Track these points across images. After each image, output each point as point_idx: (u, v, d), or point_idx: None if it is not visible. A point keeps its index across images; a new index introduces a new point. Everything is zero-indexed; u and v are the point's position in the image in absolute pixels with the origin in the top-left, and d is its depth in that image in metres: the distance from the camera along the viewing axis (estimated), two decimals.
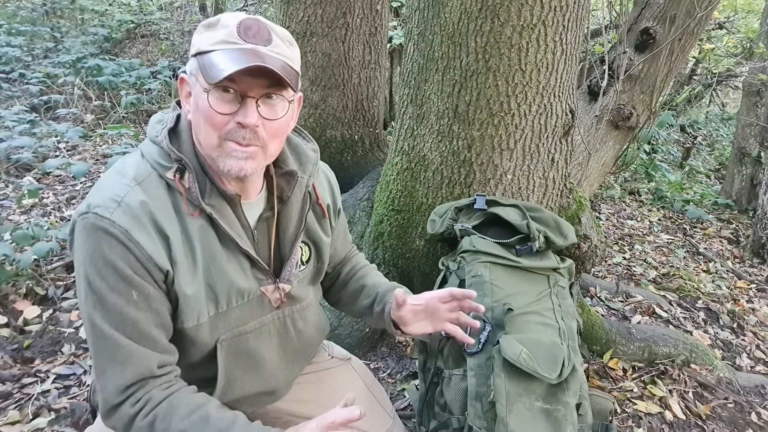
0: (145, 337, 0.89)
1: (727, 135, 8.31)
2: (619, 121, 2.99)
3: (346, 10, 2.60)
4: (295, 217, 1.06)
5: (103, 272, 0.86)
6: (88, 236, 0.86)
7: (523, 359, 1.20)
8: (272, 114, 0.91)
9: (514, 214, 1.58)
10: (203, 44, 0.89)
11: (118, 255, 0.85)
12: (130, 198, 0.87)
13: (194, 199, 0.92)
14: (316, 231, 1.13)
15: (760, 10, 6.04)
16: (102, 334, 0.87)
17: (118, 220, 0.85)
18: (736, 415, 1.94)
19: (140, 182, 0.90)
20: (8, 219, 2.94)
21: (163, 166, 0.91)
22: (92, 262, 0.86)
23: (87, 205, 0.87)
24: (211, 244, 0.95)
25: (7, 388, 1.81)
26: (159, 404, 0.89)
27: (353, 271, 1.32)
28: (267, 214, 1.04)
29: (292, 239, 1.06)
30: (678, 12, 2.73)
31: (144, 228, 0.87)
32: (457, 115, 1.77)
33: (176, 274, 0.90)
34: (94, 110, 4.91)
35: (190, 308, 0.93)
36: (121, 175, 0.91)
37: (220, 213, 0.95)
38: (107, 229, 0.85)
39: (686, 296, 2.92)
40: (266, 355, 1.08)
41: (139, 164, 0.93)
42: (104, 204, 0.86)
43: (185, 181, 0.91)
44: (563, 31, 1.69)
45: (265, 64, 0.85)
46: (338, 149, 2.79)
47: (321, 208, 1.13)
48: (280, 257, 1.07)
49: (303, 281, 1.13)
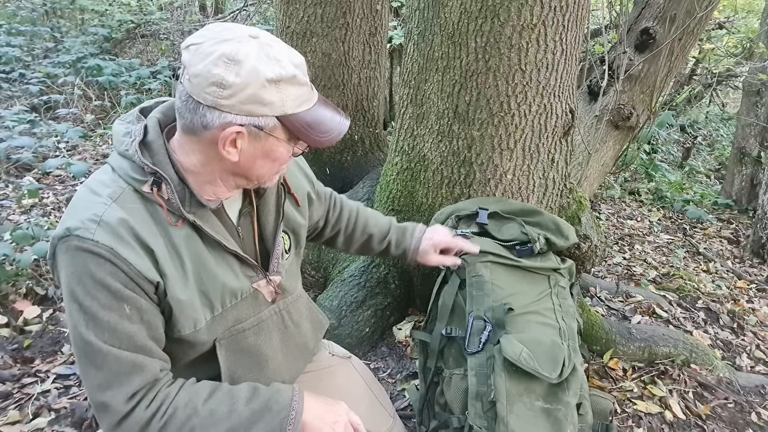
0: (142, 348, 0.89)
1: (727, 135, 8.31)
2: (619, 121, 2.99)
3: (346, 10, 2.60)
4: (273, 208, 1.08)
5: (92, 291, 0.85)
6: (72, 258, 0.85)
7: (524, 359, 1.21)
8: None
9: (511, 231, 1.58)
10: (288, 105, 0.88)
11: (107, 272, 0.85)
12: (109, 216, 0.86)
13: (175, 209, 0.91)
14: (295, 218, 1.15)
15: (760, 10, 6.04)
16: (100, 351, 0.86)
17: (101, 239, 0.84)
18: (736, 415, 1.94)
19: (116, 199, 0.88)
20: (8, 219, 2.94)
21: (137, 180, 0.90)
22: (80, 283, 0.85)
23: (66, 229, 0.85)
24: (198, 251, 0.94)
25: (7, 388, 1.81)
26: (176, 397, 0.90)
27: (351, 222, 1.39)
28: (247, 209, 1.05)
29: (273, 231, 1.08)
30: (678, 12, 2.73)
31: (128, 244, 0.86)
32: (457, 115, 1.77)
33: (167, 285, 0.90)
34: (94, 110, 4.91)
35: (185, 315, 0.93)
36: (95, 193, 0.89)
37: (203, 219, 0.94)
38: (92, 250, 0.84)
39: (686, 296, 2.92)
40: (269, 353, 1.08)
41: (112, 180, 0.91)
42: (84, 225, 0.85)
43: (163, 192, 0.90)
44: (563, 31, 1.68)
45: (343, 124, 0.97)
46: (338, 149, 2.79)
47: (294, 198, 1.15)
48: (265, 250, 1.08)
49: (290, 270, 1.14)
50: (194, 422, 0.89)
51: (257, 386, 0.97)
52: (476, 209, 1.63)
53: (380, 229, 1.42)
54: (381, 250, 1.42)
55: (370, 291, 2.06)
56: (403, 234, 1.42)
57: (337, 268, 2.27)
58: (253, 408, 0.93)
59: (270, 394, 0.96)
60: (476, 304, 1.37)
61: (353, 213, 1.40)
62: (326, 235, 1.39)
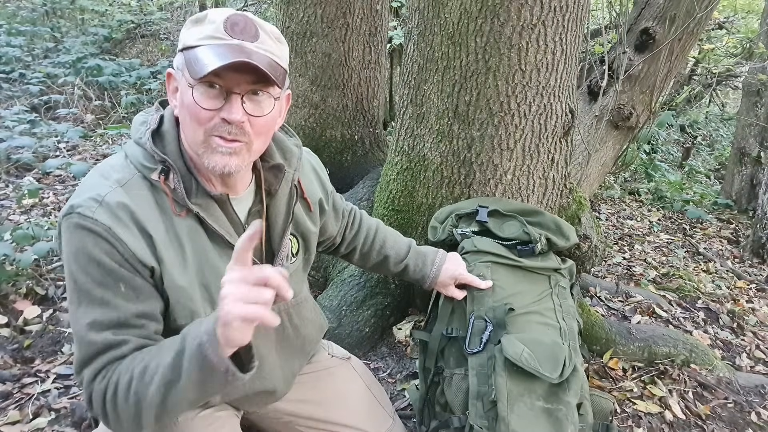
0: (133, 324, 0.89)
1: (727, 135, 8.31)
2: (619, 121, 2.99)
3: (346, 10, 2.60)
4: (283, 210, 1.07)
5: (88, 268, 0.86)
6: (72, 235, 0.87)
7: (525, 359, 1.20)
8: (258, 111, 0.91)
9: (512, 228, 1.58)
10: (190, 39, 0.88)
11: (103, 251, 0.86)
12: (111, 198, 0.88)
13: (180, 199, 0.92)
14: (304, 222, 1.14)
15: (760, 10, 6.04)
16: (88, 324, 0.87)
17: (100, 218, 0.86)
18: (736, 415, 1.94)
19: (123, 184, 0.90)
20: (8, 219, 2.94)
21: (147, 168, 0.92)
22: (77, 260, 0.86)
23: (70, 206, 0.87)
24: (201, 244, 0.95)
25: (7, 388, 1.81)
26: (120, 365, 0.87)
27: (368, 240, 1.39)
28: (256, 208, 1.05)
29: (281, 232, 1.07)
30: (678, 12, 2.73)
31: (125, 226, 0.87)
32: (457, 115, 1.77)
33: (164, 271, 0.91)
34: (94, 110, 4.91)
35: (181, 304, 0.93)
36: (104, 177, 0.91)
37: (208, 211, 0.95)
38: (90, 228, 0.85)
39: (686, 296, 2.92)
40: (263, 352, 1.08)
41: (123, 166, 0.93)
42: (86, 204, 0.87)
43: (170, 182, 0.91)
44: (563, 31, 1.69)
45: (251, 60, 0.84)
46: (338, 149, 2.79)
47: (307, 202, 1.14)
48: (271, 251, 1.08)
49: (295, 274, 1.13)
50: (135, 386, 0.84)
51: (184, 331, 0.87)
52: (476, 207, 1.63)
53: (397, 251, 1.41)
54: (397, 272, 1.42)
55: (370, 291, 2.07)
56: (423, 261, 1.40)
57: (337, 268, 2.27)
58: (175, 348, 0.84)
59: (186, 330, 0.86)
60: (477, 304, 1.37)
61: (371, 231, 1.40)
62: (341, 251, 1.40)
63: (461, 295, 1.40)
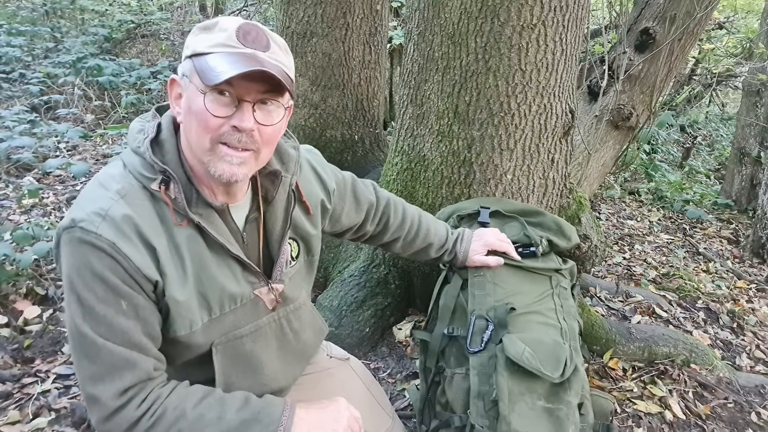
0: (136, 345, 0.89)
1: (727, 135, 8.32)
2: (619, 121, 3.00)
3: (346, 10, 2.60)
4: (280, 216, 1.06)
5: (91, 284, 0.85)
6: (74, 250, 0.85)
7: (526, 358, 1.20)
8: (268, 119, 0.91)
9: (513, 230, 1.58)
10: (200, 46, 0.88)
11: (107, 267, 0.85)
12: (114, 211, 0.86)
13: (181, 209, 0.91)
14: (304, 226, 1.13)
15: (760, 10, 6.04)
16: (94, 344, 0.86)
17: (104, 233, 0.84)
18: (736, 415, 1.94)
19: (124, 195, 0.89)
20: (8, 219, 2.94)
21: (147, 178, 0.90)
22: (80, 275, 0.85)
23: (71, 220, 0.86)
24: (200, 253, 0.94)
25: (8, 388, 1.81)
26: (167, 398, 0.90)
27: (413, 230, 1.41)
28: (254, 215, 1.04)
29: (279, 238, 1.06)
30: (678, 12, 2.73)
31: (130, 240, 0.86)
32: (457, 115, 1.78)
33: (166, 284, 0.90)
34: (94, 110, 4.91)
35: (181, 316, 0.93)
36: (104, 188, 0.90)
37: (208, 221, 0.94)
38: (94, 243, 0.84)
39: (686, 296, 2.93)
40: (264, 359, 1.08)
41: (122, 176, 0.91)
42: (89, 218, 0.85)
43: (171, 191, 0.90)
44: (563, 31, 1.69)
45: (266, 68, 0.85)
46: (338, 149, 2.79)
47: (306, 206, 1.13)
48: (269, 257, 1.07)
49: (295, 278, 1.13)
50: (182, 425, 0.88)
51: (249, 396, 0.96)
52: (477, 208, 1.63)
53: (440, 238, 1.45)
54: (436, 257, 1.47)
55: (370, 291, 2.07)
56: (456, 241, 1.46)
57: (337, 268, 2.27)
58: (243, 417, 0.92)
59: (261, 406, 0.95)
60: (478, 304, 1.37)
61: (415, 220, 1.42)
62: (385, 239, 1.42)
63: (494, 262, 1.44)
